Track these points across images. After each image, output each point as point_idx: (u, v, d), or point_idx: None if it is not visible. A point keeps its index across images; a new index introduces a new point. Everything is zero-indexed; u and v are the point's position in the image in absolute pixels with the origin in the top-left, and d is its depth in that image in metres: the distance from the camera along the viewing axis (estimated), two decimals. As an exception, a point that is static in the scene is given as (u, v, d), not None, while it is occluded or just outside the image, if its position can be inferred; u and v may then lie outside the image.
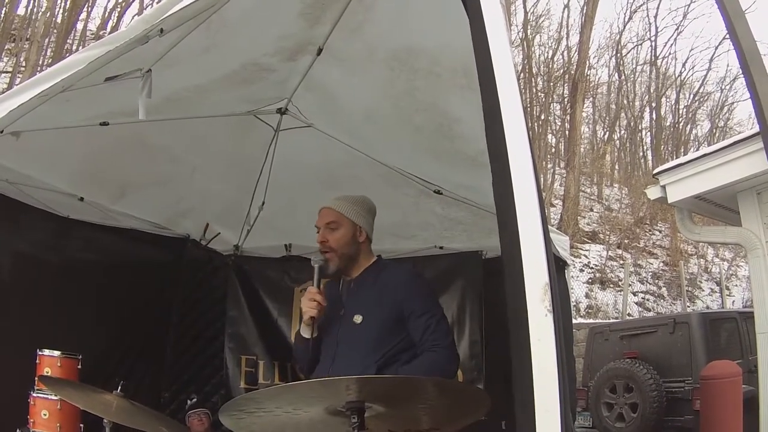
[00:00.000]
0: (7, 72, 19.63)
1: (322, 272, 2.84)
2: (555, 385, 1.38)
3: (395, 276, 2.89)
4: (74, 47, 19.96)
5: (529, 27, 26.37)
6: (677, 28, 34.95)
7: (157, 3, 2.77)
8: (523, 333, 1.43)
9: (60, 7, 21.39)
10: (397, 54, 3.31)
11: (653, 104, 29.00)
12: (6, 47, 20.20)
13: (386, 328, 2.74)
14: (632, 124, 29.45)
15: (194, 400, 4.63)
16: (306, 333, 2.80)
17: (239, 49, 3.36)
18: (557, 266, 5.25)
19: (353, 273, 2.95)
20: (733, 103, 29.03)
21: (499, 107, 1.71)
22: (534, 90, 26.34)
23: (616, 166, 30.25)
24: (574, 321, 12.41)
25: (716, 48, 30.39)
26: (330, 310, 2.83)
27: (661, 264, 22.00)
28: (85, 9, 21.96)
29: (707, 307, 18.77)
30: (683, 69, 32.44)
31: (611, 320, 15.79)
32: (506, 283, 1.56)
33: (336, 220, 2.91)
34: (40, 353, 3.79)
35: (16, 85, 11.21)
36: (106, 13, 23.64)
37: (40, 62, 19.04)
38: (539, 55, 27.67)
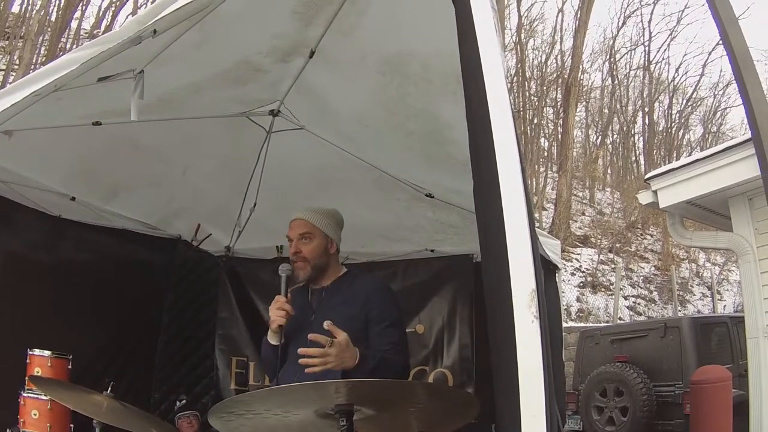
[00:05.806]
0: (0, 70, 19.55)
1: (289, 281, 2.94)
2: (541, 392, 1.37)
3: (366, 284, 3.02)
4: (68, 46, 19.92)
5: (522, 31, 26.43)
6: (671, 34, 35.07)
7: (152, 3, 2.77)
8: (509, 339, 1.43)
9: (54, 6, 21.36)
10: (389, 59, 3.30)
11: (646, 109, 29.09)
12: (0, 45, 20.13)
13: (356, 332, 2.81)
14: (625, 128, 29.53)
15: (183, 401, 4.63)
16: (274, 340, 2.90)
17: (232, 47, 3.34)
18: (548, 270, 5.29)
19: (322, 282, 3.05)
20: (726, 108, 29.11)
21: (488, 109, 1.70)
22: (527, 94, 26.39)
23: (609, 171, 30.31)
24: (564, 325, 12.43)
25: (710, 53, 30.49)
26: (299, 317, 2.91)
27: (653, 268, 22.03)
28: (79, 8, 21.95)
29: (698, 312, 18.78)
30: (676, 74, 32.42)
31: (602, 324, 15.82)
32: (489, 289, 1.56)
33: (310, 231, 3.01)
34: (30, 353, 3.78)
35: (10, 83, 11.17)
36: (101, 12, 23.63)
37: (34, 60, 18.99)
38: (533, 59, 27.83)
